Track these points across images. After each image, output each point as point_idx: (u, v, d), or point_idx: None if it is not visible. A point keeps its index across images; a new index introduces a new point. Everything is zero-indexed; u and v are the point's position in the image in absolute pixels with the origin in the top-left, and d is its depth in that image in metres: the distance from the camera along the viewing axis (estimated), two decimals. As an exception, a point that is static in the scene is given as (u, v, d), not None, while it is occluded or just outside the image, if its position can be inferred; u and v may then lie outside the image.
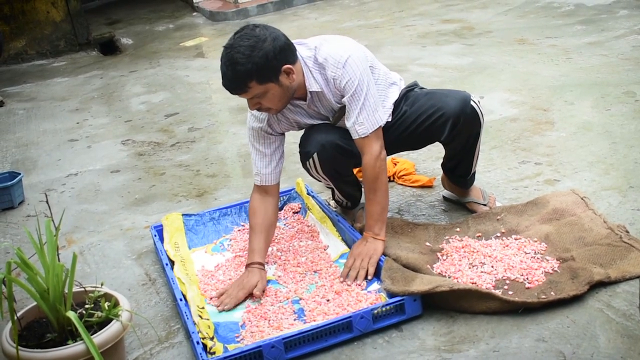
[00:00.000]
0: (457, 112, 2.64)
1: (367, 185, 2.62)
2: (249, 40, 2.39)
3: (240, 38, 2.41)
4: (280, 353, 2.17)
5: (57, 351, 1.94)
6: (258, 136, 2.71)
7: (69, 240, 3.32)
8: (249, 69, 2.37)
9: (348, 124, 2.58)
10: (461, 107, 2.65)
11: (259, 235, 2.65)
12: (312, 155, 2.68)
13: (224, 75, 2.42)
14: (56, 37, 8.59)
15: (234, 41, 2.41)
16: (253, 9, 9.38)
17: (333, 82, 2.54)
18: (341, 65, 2.50)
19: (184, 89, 6.10)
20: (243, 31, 2.43)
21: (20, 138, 5.20)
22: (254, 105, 2.51)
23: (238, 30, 2.45)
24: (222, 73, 2.43)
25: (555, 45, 5.57)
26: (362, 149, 2.60)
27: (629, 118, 3.81)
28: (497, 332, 2.20)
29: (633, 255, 2.43)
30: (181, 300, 2.48)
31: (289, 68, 2.45)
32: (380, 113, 2.58)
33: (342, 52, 2.52)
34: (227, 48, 2.41)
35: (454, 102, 2.66)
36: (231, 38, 2.45)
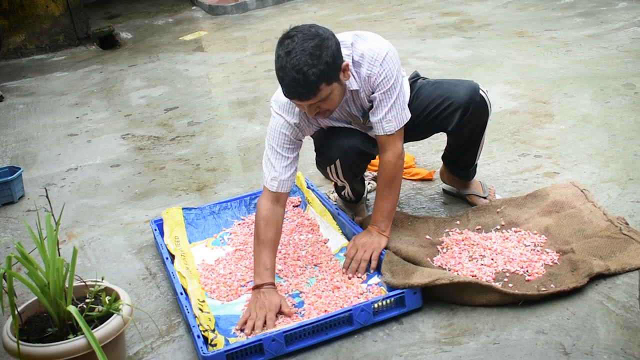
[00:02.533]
0: (466, 101, 2.63)
1: (384, 181, 2.59)
2: (313, 40, 2.24)
3: (303, 39, 2.24)
4: (281, 346, 2.18)
5: (58, 345, 1.94)
6: (285, 142, 2.55)
7: (69, 234, 3.32)
8: (321, 70, 2.24)
9: (374, 119, 2.54)
10: (471, 96, 2.64)
11: (271, 252, 2.49)
12: (335, 161, 2.65)
13: (294, 82, 2.24)
14: (55, 31, 8.57)
15: (296, 44, 2.23)
16: (252, 3, 9.36)
17: (367, 79, 2.49)
18: (379, 62, 2.45)
19: (184, 83, 6.09)
20: (300, 33, 2.27)
21: (20, 133, 5.19)
22: (314, 110, 2.37)
23: (289, 34, 2.28)
24: (289, 80, 2.25)
25: (555, 38, 5.56)
26: (384, 146, 2.57)
27: (629, 110, 3.81)
28: (497, 324, 2.20)
29: (633, 247, 2.43)
30: (182, 294, 2.48)
31: (346, 65, 2.37)
32: (406, 111, 2.57)
33: (379, 49, 2.47)
34: (289, 53, 2.23)
35: (463, 91, 2.65)
36: (287, 42, 2.26)
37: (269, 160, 2.58)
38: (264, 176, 2.60)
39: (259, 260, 2.47)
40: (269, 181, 2.57)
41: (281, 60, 2.25)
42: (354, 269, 2.53)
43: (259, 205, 2.58)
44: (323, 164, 2.73)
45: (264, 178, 2.59)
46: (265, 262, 2.46)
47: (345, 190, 2.94)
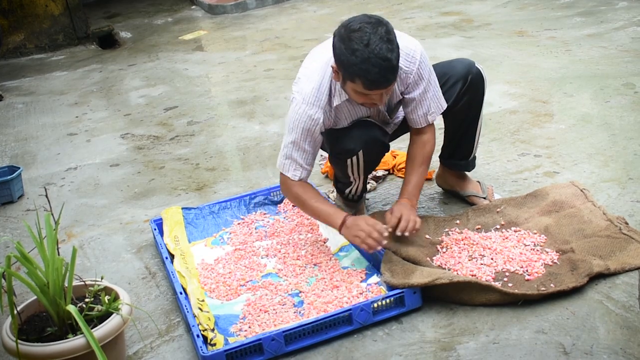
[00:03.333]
0: (465, 73, 2.74)
1: (422, 157, 2.69)
2: (381, 27, 2.28)
3: (373, 28, 2.26)
4: (281, 346, 2.18)
5: (57, 345, 1.94)
6: (309, 135, 2.55)
7: (69, 234, 3.32)
8: (398, 53, 2.31)
9: (416, 114, 2.65)
10: (468, 68, 2.75)
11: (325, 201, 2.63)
12: (357, 153, 2.63)
13: (382, 70, 2.26)
14: (55, 30, 8.57)
15: (370, 34, 2.25)
16: (252, 2, 9.35)
17: (405, 75, 2.54)
18: (416, 61, 2.53)
19: (183, 82, 6.09)
20: (364, 23, 2.28)
21: (19, 132, 5.19)
22: (383, 99, 2.40)
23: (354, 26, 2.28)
24: (377, 69, 2.25)
25: (555, 38, 5.56)
26: (424, 130, 2.70)
27: (628, 110, 3.81)
28: (497, 324, 2.20)
29: (632, 246, 2.43)
30: (181, 293, 2.48)
31: None
32: (443, 99, 2.69)
33: (414, 47, 2.53)
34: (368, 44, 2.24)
35: (460, 65, 2.77)
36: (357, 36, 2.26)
37: (290, 153, 2.59)
38: (283, 166, 2.62)
39: (324, 207, 2.59)
40: (292, 172, 2.61)
41: (361, 54, 2.25)
42: (404, 228, 2.50)
43: (286, 187, 2.66)
44: (343, 156, 2.67)
45: (285, 168, 2.62)
46: (329, 206, 2.60)
47: (353, 188, 2.87)
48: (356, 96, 2.40)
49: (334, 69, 2.40)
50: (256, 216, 3.14)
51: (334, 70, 2.41)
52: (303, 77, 2.55)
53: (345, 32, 2.29)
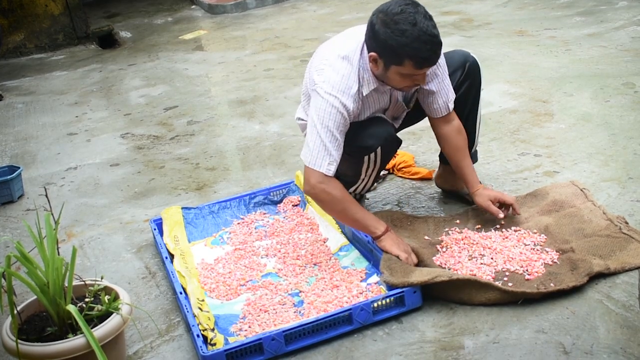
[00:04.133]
0: (462, 61, 2.81)
1: (461, 146, 2.78)
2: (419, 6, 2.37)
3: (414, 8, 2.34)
4: (281, 345, 2.18)
5: (57, 345, 1.94)
6: (342, 124, 2.50)
7: (69, 233, 3.32)
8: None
9: (438, 104, 2.71)
10: (465, 57, 2.83)
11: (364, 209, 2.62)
12: (376, 149, 2.64)
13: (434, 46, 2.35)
14: (55, 30, 8.56)
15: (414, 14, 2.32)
16: (252, 2, 9.35)
17: None
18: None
19: (183, 82, 6.09)
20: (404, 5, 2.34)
21: (19, 132, 5.19)
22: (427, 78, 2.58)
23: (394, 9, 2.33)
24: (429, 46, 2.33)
25: (555, 37, 5.56)
26: (448, 118, 2.77)
27: (628, 109, 3.81)
28: (497, 323, 2.20)
29: (632, 246, 2.43)
30: (181, 293, 2.48)
31: None
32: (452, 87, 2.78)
33: None
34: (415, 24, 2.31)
35: (457, 55, 2.84)
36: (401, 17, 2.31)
37: (322, 145, 2.47)
38: (315, 160, 2.48)
39: (364, 215, 2.55)
40: (325, 166, 2.48)
41: (411, 33, 2.30)
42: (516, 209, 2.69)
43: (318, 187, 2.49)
44: (360, 153, 2.65)
45: (317, 163, 2.48)
46: (369, 214, 2.59)
47: (359, 186, 2.87)
48: (400, 79, 2.46)
49: (371, 57, 2.43)
50: (256, 216, 3.14)
51: (371, 59, 2.44)
52: (327, 67, 2.52)
53: (388, 17, 2.34)
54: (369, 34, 2.41)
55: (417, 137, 3.84)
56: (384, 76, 2.48)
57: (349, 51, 2.52)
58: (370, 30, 2.39)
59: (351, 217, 2.54)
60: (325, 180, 2.49)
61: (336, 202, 2.51)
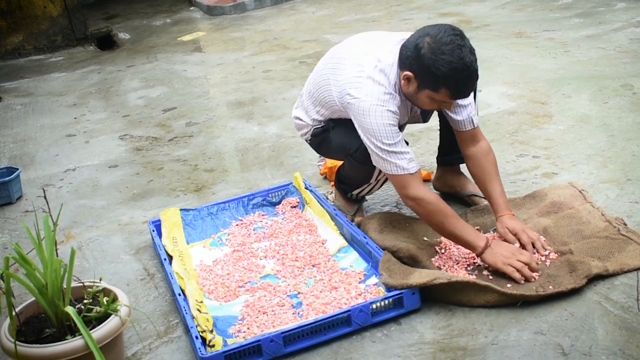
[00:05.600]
0: None
1: (493, 166, 2.69)
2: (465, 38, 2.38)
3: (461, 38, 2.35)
4: (279, 347, 2.18)
5: (55, 346, 1.94)
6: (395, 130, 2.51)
7: (67, 235, 3.32)
8: None
9: (461, 116, 2.66)
10: None
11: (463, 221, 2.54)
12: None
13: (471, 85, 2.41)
14: (53, 32, 8.56)
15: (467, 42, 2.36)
16: (250, 3, 9.35)
17: None
18: None
19: (182, 83, 6.09)
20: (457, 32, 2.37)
21: (17, 133, 5.19)
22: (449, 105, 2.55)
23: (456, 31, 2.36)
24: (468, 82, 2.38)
25: (553, 39, 5.56)
26: (475, 137, 2.71)
27: (627, 111, 3.81)
28: (496, 325, 2.20)
29: (631, 247, 2.43)
30: (180, 294, 2.48)
31: None
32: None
33: None
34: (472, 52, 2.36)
35: None
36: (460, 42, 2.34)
37: (394, 153, 2.49)
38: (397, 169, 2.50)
39: (465, 227, 2.49)
40: (407, 164, 2.50)
41: (456, 67, 2.32)
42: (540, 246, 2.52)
43: (418, 193, 2.52)
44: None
45: (400, 167, 2.50)
46: (469, 227, 2.51)
47: (366, 189, 2.89)
48: (429, 103, 2.49)
49: (406, 76, 2.43)
50: (254, 217, 3.14)
51: (405, 77, 2.43)
52: (366, 79, 2.51)
53: (437, 44, 2.33)
54: (412, 55, 2.38)
55: (415, 138, 3.84)
56: (413, 96, 2.49)
57: (386, 65, 2.51)
58: (414, 51, 2.37)
59: (449, 231, 2.51)
60: (418, 188, 2.52)
61: (433, 215, 2.52)
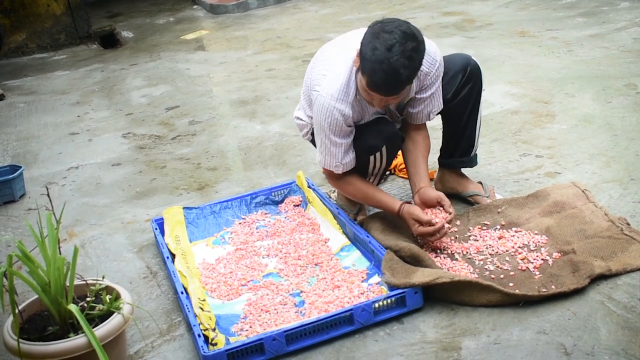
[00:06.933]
0: (463, 65, 2.82)
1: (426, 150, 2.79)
2: (412, 42, 2.30)
3: (403, 38, 2.28)
4: (282, 345, 2.18)
5: (58, 344, 1.94)
6: (340, 131, 2.58)
7: (70, 233, 3.32)
8: (412, 74, 2.35)
9: (422, 113, 2.74)
10: (467, 60, 2.84)
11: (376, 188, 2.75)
12: (381, 149, 2.67)
13: (386, 79, 2.31)
14: (57, 30, 8.57)
15: (397, 42, 2.27)
16: (253, 2, 9.35)
17: (424, 76, 2.63)
18: (436, 63, 2.63)
19: (185, 82, 6.09)
20: (399, 29, 2.30)
21: (21, 131, 5.19)
22: (383, 103, 2.48)
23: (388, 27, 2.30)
24: (381, 74, 2.30)
25: (556, 38, 5.55)
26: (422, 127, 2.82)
27: (630, 110, 3.80)
28: (498, 324, 2.20)
29: (634, 247, 2.43)
30: (182, 293, 2.48)
31: None
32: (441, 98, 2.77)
33: (434, 50, 2.64)
34: (390, 49, 2.27)
35: (459, 58, 2.85)
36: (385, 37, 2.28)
37: (328, 150, 2.64)
38: (324, 161, 2.69)
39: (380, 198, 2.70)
40: (333, 167, 2.69)
41: (379, 54, 2.28)
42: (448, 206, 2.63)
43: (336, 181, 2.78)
44: (366, 153, 2.68)
45: (326, 164, 2.69)
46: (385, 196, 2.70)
47: None
48: (361, 89, 2.47)
49: (357, 52, 2.43)
50: (257, 216, 3.14)
51: (356, 54, 2.44)
52: (329, 73, 2.58)
53: (378, 29, 2.33)
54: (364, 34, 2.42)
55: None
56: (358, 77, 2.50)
57: (350, 57, 2.54)
58: (366, 31, 2.40)
59: (372, 202, 2.75)
60: (339, 178, 2.74)
61: (355, 194, 2.78)
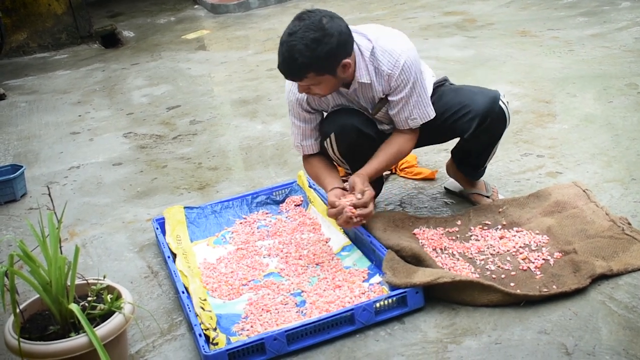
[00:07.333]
0: (485, 111, 2.63)
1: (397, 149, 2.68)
2: (315, 33, 2.36)
3: (307, 28, 2.36)
4: (283, 345, 2.18)
5: (59, 343, 1.94)
6: (297, 114, 2.72)
7: (72, 232, 3.32)
8: (311, 62, 2.38)
9: (399, 117, 2.65)
10: (490, 106, 2.64)
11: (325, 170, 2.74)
12: (330, 135, 2.71)
13: (284, 61, 2.41)
14: (58, 29, 8.58)
15: (300, 29, 2.36)
16: (254, 2, 9.35)
17: (387, 77, 2.57)
18: (399, 66, 2.54)
19: (186, 81, 6.09)
20: (309, 19, 2.39)
21: (22, 131, 5.20)
22: (303, 89, 2.53)
23: (303, 16, 2.41)
24: (281, 57, 2.41)
25: (558, 37, 5.55)
26: (406, 132, 2.69)
27: (631, 110, 3.80)
28: (499, 324, 2.20)
29: (635, 247, 2.42)
30: (183, 292, 2.48)
31: (347, 62, 2.47)
32: (430, 108, 2.66)
33: (399, 52, 2.55)
34: (290, 35, 2.37)
35: (482, 99, 2.65)
36: (295, 23, 2.40)
37: (291, 129, 2.83)
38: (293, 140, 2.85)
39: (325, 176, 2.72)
40: (294, 146, 2.83)
41: (284, 37, 2.41)
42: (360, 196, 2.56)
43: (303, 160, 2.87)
44: (322, 139, 2.77)
45: (292, 142, 2.87)
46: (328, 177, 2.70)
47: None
48: None
49: None
50: (258, 215, 3.14)
51: None
52: None
53: (297, 16, 2.45)
54: None
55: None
56: None
57: None
58: None
59: (319, 183, 2.80)
60: (304, 158, 2.86)
61: (309, 173, 2.87)
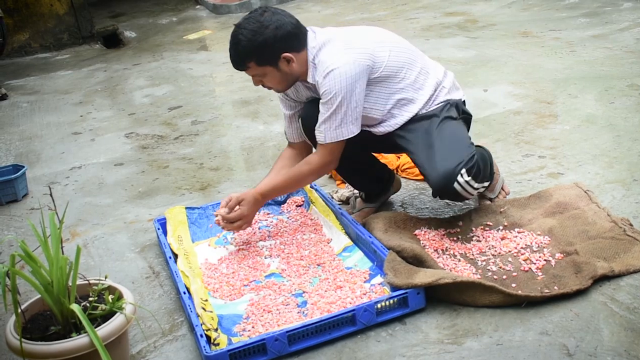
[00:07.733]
0: (437, 188, 2.56)
1: (297, 172, 2.74)
2: (253, 25, 2.56)
3: (247, 20, 2.58)
4: (284, 346, 2.18)
5: (61, 344, 1.94)
6: (283, 100, 2.89)
7: (73, 233, 3.32)
8: (249, 51, 2.56)
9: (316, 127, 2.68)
10: (443, 183, 2.51)
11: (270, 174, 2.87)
12: (299, 120, 2.83)
13: (229, 51, 2.62)
14: (60, 30, 8.59)
15: (242, 22, 2.59)
16: (256, 2, 9.36)
17: (318, 85, 2.62)
18: (324, 74, 2.54)
19: (188, 82, 6.10)
20: (252, 14, 2.60)
21: (24, 131, 5.20)
22: (256, 82, 2.70)
23: (250, 12, 2.63)
24: (229, 46, 2.62)
25: (559, 38, 5.55)
26: (317, 152, 2.72)
27: (633, 111, 3.80)
28: (501, 325, 2.20)
29: (637, 248, 2.42)
30: (185, 293, 2.48)
31: (289, 56, 2.59)
32: (344, 129, 2.58)
33: (331, 62, 2.53)
34: (235, 27, 2.60)
35: (438, 174, 2.51)
36: (242, 18, 2.63)
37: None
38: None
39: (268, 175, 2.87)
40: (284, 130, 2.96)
41: (235, 28, 2.60)
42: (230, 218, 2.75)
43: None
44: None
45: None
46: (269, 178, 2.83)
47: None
48: None
49: None
50: (260, 216, 3.14)
51: None
52: None
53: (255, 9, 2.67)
54: None
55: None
56: None
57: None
58: None
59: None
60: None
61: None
